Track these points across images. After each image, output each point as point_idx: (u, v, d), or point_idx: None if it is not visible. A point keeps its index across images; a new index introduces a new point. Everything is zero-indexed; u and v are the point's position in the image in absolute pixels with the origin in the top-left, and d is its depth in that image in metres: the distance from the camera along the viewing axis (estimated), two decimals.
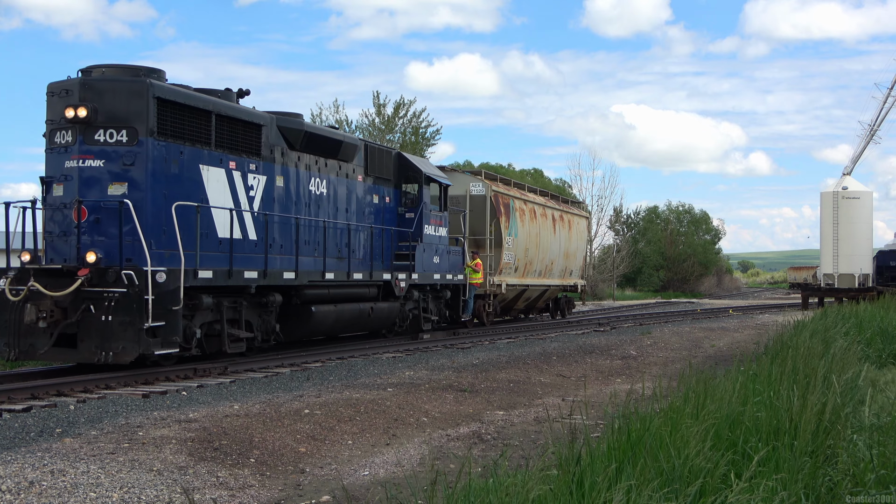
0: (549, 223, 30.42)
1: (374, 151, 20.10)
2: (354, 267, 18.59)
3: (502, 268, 26.10)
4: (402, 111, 53.71)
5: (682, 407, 6.94)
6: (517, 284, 27.65)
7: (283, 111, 17.12)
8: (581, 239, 34.43)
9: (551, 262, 30.57)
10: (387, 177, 20.55)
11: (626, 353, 18.76)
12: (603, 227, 65.60)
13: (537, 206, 29.47)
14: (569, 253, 32.44)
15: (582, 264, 34.70)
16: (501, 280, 26.01)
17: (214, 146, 14.73)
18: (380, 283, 19.53)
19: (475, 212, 25.50)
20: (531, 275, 28.85)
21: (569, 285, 32.99)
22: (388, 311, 19.87)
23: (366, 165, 19.58)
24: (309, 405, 10.61)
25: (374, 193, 20.01)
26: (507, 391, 13.03)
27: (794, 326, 17.00)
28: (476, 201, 25.58)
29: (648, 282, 73.71)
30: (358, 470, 8.06)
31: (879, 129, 43.73)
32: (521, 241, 27.52)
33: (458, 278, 23.20)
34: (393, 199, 20.97)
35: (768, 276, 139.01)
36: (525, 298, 29.50)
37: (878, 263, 43.82)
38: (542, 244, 29.51)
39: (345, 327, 18.90)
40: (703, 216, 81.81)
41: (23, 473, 7.04)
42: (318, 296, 17.31)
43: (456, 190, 24.85)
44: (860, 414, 7.70)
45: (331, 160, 18.23)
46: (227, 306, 14.80)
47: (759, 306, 46.97)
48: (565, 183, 72.99)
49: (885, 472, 5.78)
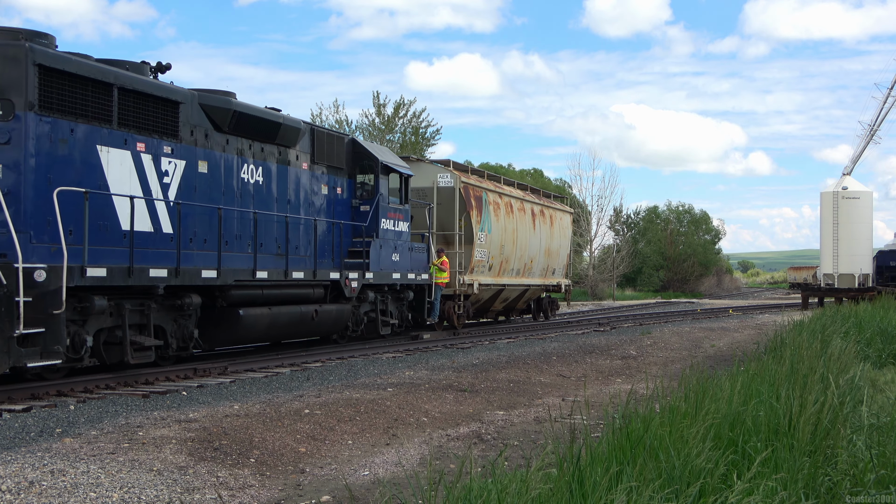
0: (528, 218, 28.56)
1: (322, 136, 18.09)
2: (295, 265, 16.68)
3: (474, 266, 24.29)
4: (402, 111, 53.80)
5: (682, 407, 6.95)
6: (492, 284, 25.84)
7: (210, 88, 15.20)
8: (564, 236, 32.59)
9: (531, 260, 28.74)
10: (338, 165, 18.68)
11: (626, 353, 18.76)
12: (603, 227, 65.76)
13: (514, 200, 27.57)
14: (550, 250, 30.59)
15: (566, 263, 32.85)
16: (473, 279, 24.19)
17: (117, 124, 12.78)
18: (327, 283, 17.65)
19: (443, 205, 23.72)
20: (508, 274, 27.02)
21: (551, 285, 31.15)
22: (338, 314, 18.04)
23: (312, 152, 17.68)
24: (309, 405, 10.62)
25: (322, 183, 18.10)
26: (507, 391, 13.03)
27: (793, 326, 17.00)
28: (444, 194, 23.75)
29: (648, 282, 73.75)
30: (358, 470, 8.06)
31: (879, 129, 43.79)
32: (496, 237, 25.71)
33: (421, 278, 21.27)
34: (346, 191, 19.09)
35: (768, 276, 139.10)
36: (502, 299, 27.79)
37: (878, 263, 43.85)
38: (520, 241, 27.69)
39: (283, 332, 17.08)
40: (703, 216, 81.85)
41: (23, 473, 7.04)
42: (247, 297, 15.41)
43: (421, 182, 23.40)
44: (860, 414, 7.71)
45: (268, 145, 16.32)
46: (130, 310, 12.87)
47: (759, 306, 46.97)
48: (565, 183, 73.17)
49: (884, 473, 5.79)
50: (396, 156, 21.41)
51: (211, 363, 14.52)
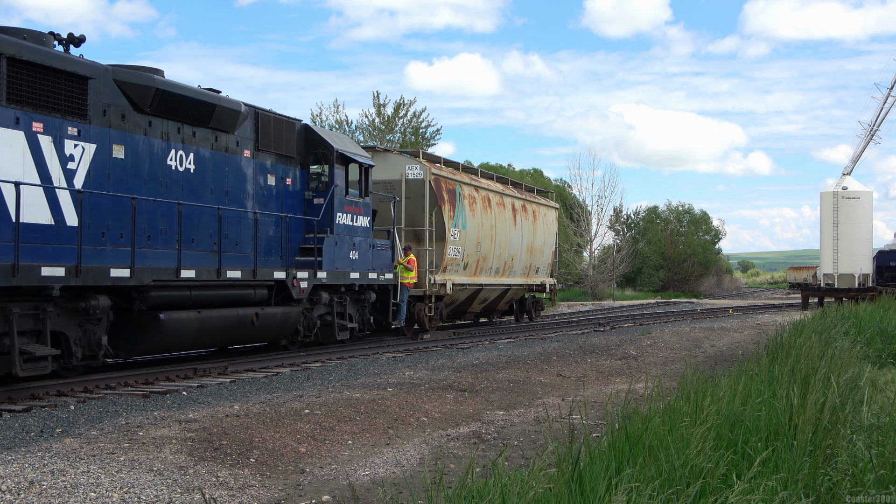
0: (509, 213, 26.79)
1: (267, 121, 16.35)
2: (232, 263, 14.92)
3: (447, 264, 22.54)
4: (402, 111, 53.80)
5: (682, 407, 6.95)
6: (468, 284, 24.14)
7: (132, 64, 13.59)
8: (549, 232, 30.65)
9: (511, 259, 27.03)
10: (288, 154, 16.96)
11: (626, 353, 18.77)
12: (603, 227, 65.70)
13: (493, 194, 25.88)
14: (533, 248, 28.84)
15: (551, 261, 30.90)
16: (446, 279, 22.45)
17: (6, 100, 11.17)
18: (271, 284, 15.90)
19: (412, 199, 22.03)
20: (486, 273, 25.32)
21: (535, 284, 29.34)
22: (284, 318, 16.26)
23: (256, 138, 16.01)
24: (309, 405, 10.62)
25: (268, 173, 16.41)
26: (507, 391, 13.03)
27: (793, 326, 17.01)
28: (413, 187, 22.04)
29: (648, 282, 73.75)
30: (358, 470, 8.07)
31: (879, 129, 43.77)
32: (472, 234, 23.93)
33: (385, 278, 19.60)
34: (298, 182, 17.40)
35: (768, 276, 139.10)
36: (481, 300, 26.14)
37: (878, 263, 43.86)
38: (499, 237, 25.94)
39: (217, 338, 15.25)
40: (703, 216, 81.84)
41: (23, 473, 7.04)
42: (172, 299, 13.60)
43: (389, 173, 21.95)
44: (860, 414, 7.71)
45: (201, 129, 14.63)
46: (19, 315, 11.12)
47: (759, 306, 46.98)
48: (565, 183, 73.17)
49: (884, 473, 5.79)
50: (356, 144, 19.68)
51: (211, 363, 14.52)
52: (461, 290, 23.86)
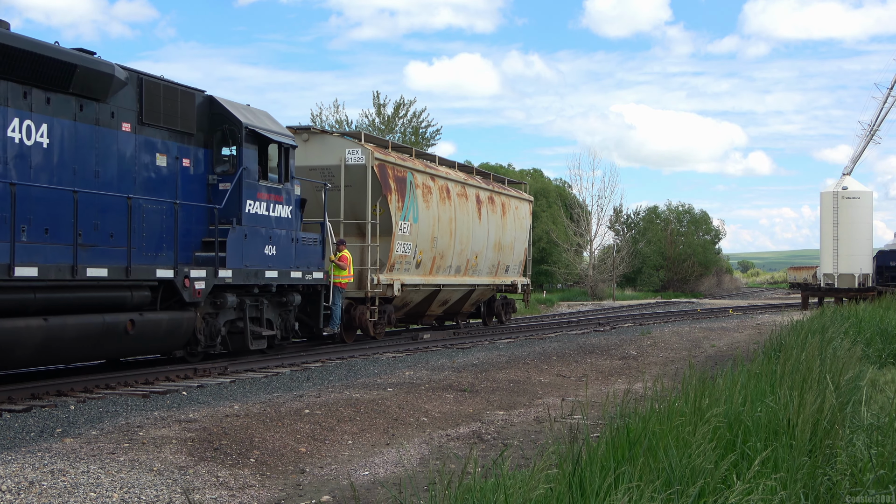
0: (472, 206, 24.26)
1: (155, 91, 13.63)
2: (100, 258, 12.35)
3: (394, 262, 20.16)
4: (402, 111, 53.84)
5: (682, 407, 6.96)
6: (422, 284, 21.65)
7: None
8: (521, 227, 28.07)
9: (475, 256, 24.51)
10: (186, 129, 14.31)
11: (626, 353, 18.77)
12: (603, 227, 65.70)
13: (453, 184, 23.24)
14: (502, 244, 26.36)
15: (523, 259, 28.40)
16: (394, 278, 20.07)
17: None
18: (154, 284, 13.22)
19: (354, 188, 19.49)
20: (444, 272, 22.78)
21: (505, 284, 26.92)
22: (172, 325, 13.55)
23: (140, 109, 13.28)
24: (309, 405, 10.63)
25: (158, 152, 13.72)
26: (507, 391, 13.04)
27: (793, 326, 17.02)
28: (354, 173, 19.47)
29: (648, 282, 73.77)
30: (358, 470, 8.07)
31: (879, 129, 43.79)
32: (426, 228, 21.44)
33: (313, 277, 16.95)
34: (201, 164, 14.79)
35: (768, 276, 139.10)
36: (441, 302, 23.60)
37: (878, 263, 43.87)
38: (460, 232, 23.35)
39: (75, 351, 12.24)
40: (702, 216, 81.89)
41: (23, 473, 7.05)
42: (7, 303, 11.09)
43: (326, 158, 19.52)
44: (859, 414, 7.71)
45: (59, 94, 12.03)
46: None
47: (759, 306, 46.99)
48: (565, 183, 73.22)
49: (884, 472, 5.79)
50: (276, 121, 16.74)
51: (211, 363, 14.53)
52: (413, 291, 21.50)
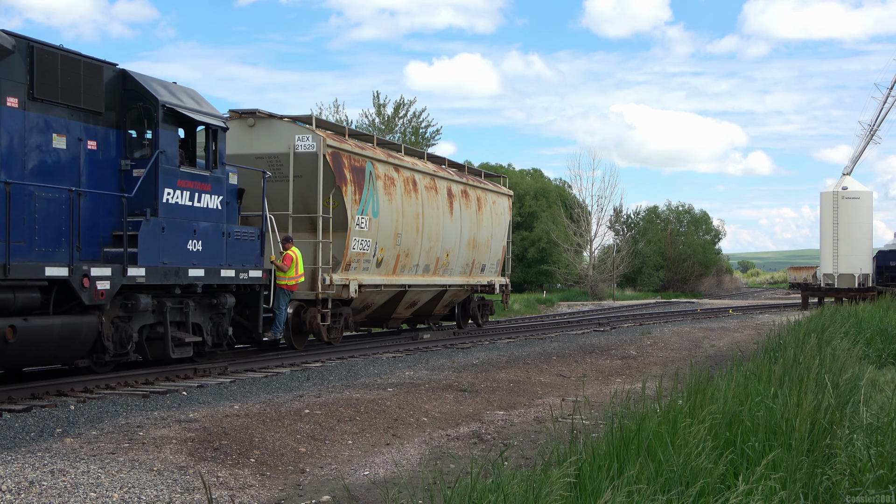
0: (442, 200, 22.36)
1: (51, 61, 11.90)
2: None
3: (351, 260, 18.30)
4: (402, 111, 53.87)
5: (681, 407, 6.96)
6: (384, 285, 19.73)
7: None
8: (499, 224, 26.21)
9: (446, 254, 22.58)
10: (92, 107, 12.61)
11: (626, 353, 18.78)
12: (603, 227, 65.69)
13: (420, 176, 21.35)
14: (477, 241, 24.39)
15: (501, 257, 26.53)
16: (349, 278, 18.15)
17: None
18: (43, 284, 11.43)
19: (304, 178, 17.58)
20: (410, 271, 20.95)
21: (481, 285, 25.08)
22: (67, 332, 11.70)
23: (31, 82, 11.62)
24: (309, 405, 10.63)
25: (54, 133, 12.10)
26: (507, 391, 13.05)
27: (793, 326, 17.02)
28: (304, 162, 17.55)
29: (648, 282, 73.77)
30: (358, 470, 8.08)
31: (879, 129, 43.80)
32: (388, 223, 19.61)
33: (250, 276, 15.05)
34: (112, 147, 13.07)
35: (768, 276, 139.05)
36: (408, 304, 21.67)
37: (878, 263, 43.85)
38: (428, 228, 21.48)
39: None
40: (702, 216, 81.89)
41: (23, 473, 7.05)
42: None
43: (274, 145, 17.62)
44: (859, 414, 7.72)
45: None
46: None
47: (759, 306, 46.99)
48: (565, 183, 73.20)
49: (883, 472, 5.80)
50: (205, 101, 14.72)
51: (211, 363, 14.53)
52: (374, 292, 19.60)
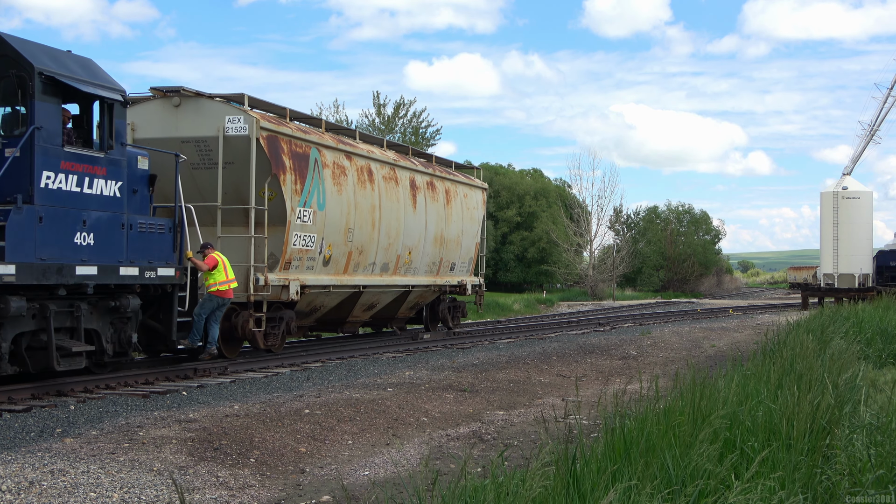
0: (404, 192, 20.27)
1: None
2: None
3: (291, 258, 16.20)
4: (402, 111, 53.90)
5: (680, 407, 6.96)
6: (334, 285, 17.63)
7: None
8: (471, 219, 23.91)
9: (408, 252, 20.53)
10: None
11: (626, 353, 18.78)
12: (603, 227, 65.70)
13: (377, 165, 19.24)
14: (446, 238, 22.27)
15: (474, 255, 24.33)
16: (290, 278, 16.01)
17: None
18: None
19: (237, 165, 15.40)
20: (366, 269, 18.87)
21: (450, 285, 22.88)
22: None
23: None
24: (309, 405, 10.63)
25: None
26: (508, 391, 13.05)
27: (793, 326, 17.02)
28: (236, 147, 15.35)
29: (648, 282, 73.77)
30: (358, 470, 8.08)
31: (879, 129, 43.80)
32: (337, 217, 17.51)
33: (159, 275, 12.93)
34: None
35: (768, 276, 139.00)
36: (365, 306, 19.56)
37: (878, 263, 43.83)
38: (387, 223, 19.40)
39: None
40: (702, 216, 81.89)
41: (23, 473, 7.06)
42: None
43: (201, 128, 15.47)
44: (858, 413, 7.72)
45: None
46: None
47: (759, 306, 46.99)
48: (565, 183, 73.22)
49: (883, 472, 5.80)
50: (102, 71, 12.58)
51: (211, 363, 14.53)
52: (322, 293, 17.50)
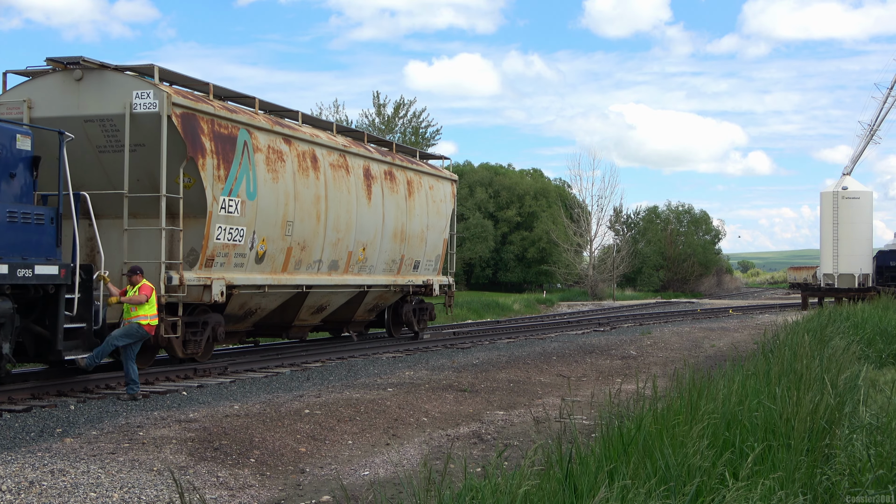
0: (356, 181, 18.18)
1: None
2: None
3: (214, 254, 14.14)
4: (402, 111, 53.90)
5: (679, 407, 6.97)
6: (270, 285, 15.55)
7: None
8: (438, 212, 21.87)
9: (362, 248, 18.50)
10: None
11: (626, 353, 18.78)
12: (603, 227, 65.68)
13: (324, 151, 17.16)
14: (408, 233, 20.26)
15: (442, 252, 22.20)
16: (212, 277, 14.01)
17: None
18: None
19: (148, 147, 13.45)
20: (310, 268, 16.82)
21: (414, 285, 20.84)
22: None
23: None
24: (309, 405, 10.63)
25: None
26: (507, 391, 13.05)
27: (792, 326, 17.02)
28: (144, 127, 13.35)
29: (648, 282, 73.75)
30: (358, 470, 8.08)
31: (879, 129, 43.78)
32: (272, 208, 15.42)
33: (37, 273, 10.89)
34: None
35: (768, 276, 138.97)
36: (313, 308, 17.61)
37: (878, 263, 43.83)
38: (335, 216, 17.33)
39: None
40: (702, 216, 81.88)
41: (23, 473, 7.06)
42: None
43: (106, 105, 13.45)
44: (858, 413, 7.72)
45: None
46: None
47: (759, 306, 46.99)
48: (565, 183, 73.21)
49: (883, 472, 5.80)
50: None
51: (211, 363, 14.54)
52: (257, 294, 15.48)
